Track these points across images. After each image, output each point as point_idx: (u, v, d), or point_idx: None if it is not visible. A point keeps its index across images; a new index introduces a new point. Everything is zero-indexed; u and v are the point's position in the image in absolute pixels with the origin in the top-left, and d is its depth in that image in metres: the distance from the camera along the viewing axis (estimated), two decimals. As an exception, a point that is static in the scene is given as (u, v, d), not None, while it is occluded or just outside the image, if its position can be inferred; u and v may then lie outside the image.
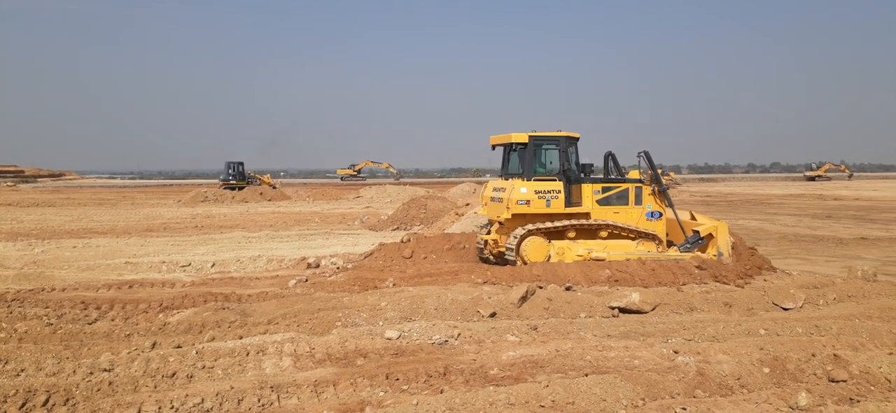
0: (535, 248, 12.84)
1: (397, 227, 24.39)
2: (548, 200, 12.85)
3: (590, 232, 13.23)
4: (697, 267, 11.99)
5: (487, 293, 9.94)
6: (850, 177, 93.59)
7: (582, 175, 13.39)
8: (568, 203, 13.01)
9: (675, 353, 7.37)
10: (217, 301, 10.57)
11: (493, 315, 9.13)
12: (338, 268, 14.28)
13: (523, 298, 9.62)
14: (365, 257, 15.03)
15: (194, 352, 7.18)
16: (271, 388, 6.16)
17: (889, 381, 6.33)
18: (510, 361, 7.07)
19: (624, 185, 13.55)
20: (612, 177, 13.87)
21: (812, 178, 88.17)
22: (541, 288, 10.19)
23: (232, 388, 6.09)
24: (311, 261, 15.16)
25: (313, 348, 7.46)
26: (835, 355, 6.83)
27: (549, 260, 12.83)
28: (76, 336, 8.43)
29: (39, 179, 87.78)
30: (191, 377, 6.54)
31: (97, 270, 14.38)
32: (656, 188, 13.71)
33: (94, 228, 24.64)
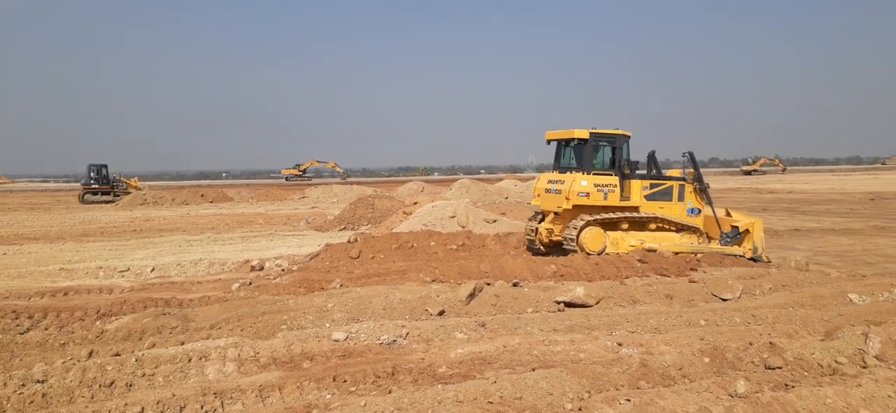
0: (593, 238, 13.63)
1: (344, 228, 24.18)
2: (605, 193, 13.76)
3: (639, 224, 14.12)
4: (639, 260, 12.27)
5: (436, 291, 9.94)
6: (783, 171, 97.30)
7: (631, 171, 14.21)
8: (621, 197, 13.91)
9: (620, 345, 7.52)
10: (157, 306, 10.25)
11: (441, 313, 9.14)
12: (283, 270, 14.06)
13: (471, 295, 9.65)
14: (311, 258, 14.84)
15: (134, 359, 6.94)
16: (215, 394, 6.01)
17: (821, 366, 6.60)
18: (458, 359, 7.08)
19: (669, 183, 14.52)
20: (655, 173, 14.75)
21: (748, 173, 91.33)
22: (488, 285, 10.26)
23: (174, 395, 5.91)
24: (254, 263, 14.89)
25: (258, 352, 7.31)
26: (771, 343, 7.08)
27: (605, 249, 13.63)
28: (7, 347, 8.05)
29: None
30: (130, 386, 6.33)
31: (29, 278, 13.79)
32: (697, 186, 14.61)
33: (26, 234, 23.64)
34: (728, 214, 15.22)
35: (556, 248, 14.33)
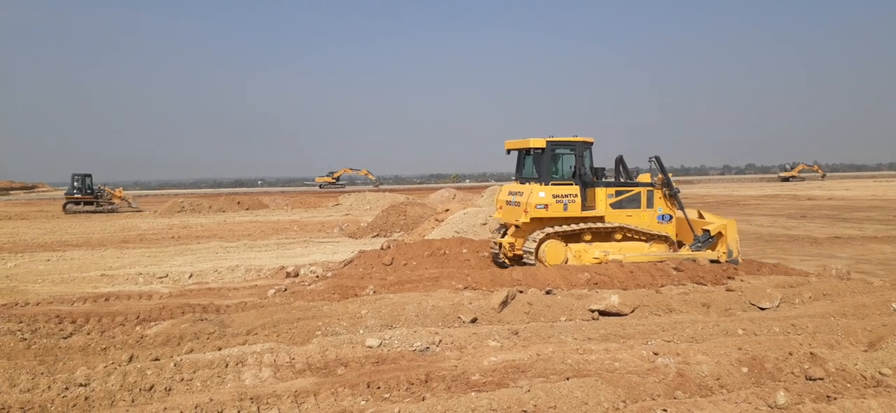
0: (553, 251, 13.15)
1: (377, 234, 24.32)
2: (565, 204, 13.19)
3: (604, 234, 13.59)
4: (675, 268, 12.10)
5: (468, 299, 9.94)
6: (823, 177, 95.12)
7: (595, 179, 13.73)
8: (584, 207, 13.34)
9: (655, 354, 7.42)
10: (195, 312, 10.44)
11: (474, 321, 9.13)
12: (317, 276, 14.20)
13: (504, 303, 9.63)
14: (345, 265, 14.96)
15: (172, 364, 7.08)
16: (251, 399, 6.09)
17: (864, 377, 6.43)
18: (492, 367, 7.06)
19: (636, 189, 13.92)
20: (624, 180, 14.20)
21: (786, 179, 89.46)
22: (521, 292, 10.21)
23: (211, 400, 6.01)
24: (290, 270, 15.06)
25: (293, 358, 7.39)
26: (811, 353, 6.92)
27: (566, 262, 13.12)
28: (51, 351, 8.28)
29: (12, 192, 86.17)
30: (169, 390, 6.45)
31: (72, 284, 14.15)
32: (667, 192, 14.10)
33: (69, 241, 24.26)
34: (701, 217, 14.62)
35: (519, 262, 13.68)
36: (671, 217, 14.14)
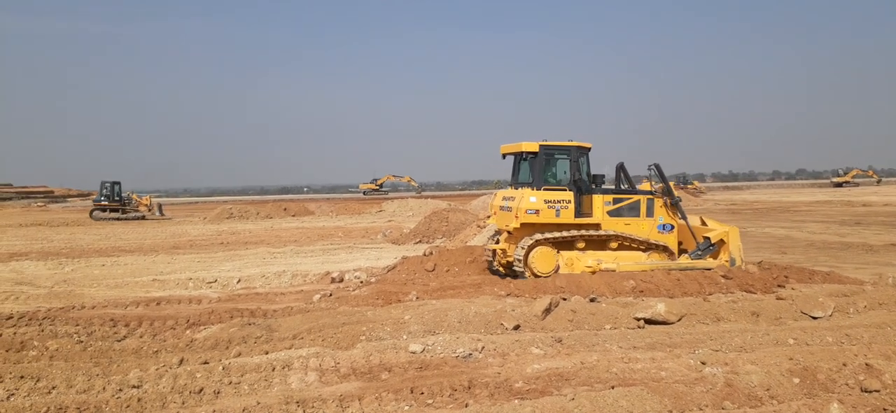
0: (542, 258, 12.77)
1: (419, 241, 24.44)
2: (557, 210, 12.76)
3: (600, 243, 13.16)
4: (723, 277, 11.86)
5: (511, 306, 9.92)
6: (878, 182, 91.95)
7: (593, 186, 13.27)
8: (578, 213, 12.90)
9: (703, 364, 7.29)
10: (243, 317, 10.66)
11: (516, 328, 9.10)
12: (361, 282, 14.34)
13: (547, 310, 9.58)
14: (388, 271, 15.07)
15: (221, 368, 7.26)
16: (297, 403, 6.19)
17: (924, 390, 6.20)
18: (535, 374, 7.04)
19: (635, 197, 13.45)
20: (624, 188, 13.74)
21: (839, 185, 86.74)
22: (564, 300, 10.15)
23: (258, 403, 6.14)
24: (334, 275, 15.24)
25: (338, 363, 7.49)
26: (867, 364, 6.71)
27: (557, 270, 12.78)
28: (106, 353, 8.56)
29: (69, 199, 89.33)
30: (218, 393, 6.60)
31: (125, 288, 14.59)
32: (668, 200, 13.62)
33: (122, 246, 25.01)
34: (703, 224, 14.06)
35: (511, 270, 13.27)
36: (673, 227, 13.64)
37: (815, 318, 9.81)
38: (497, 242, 13.85)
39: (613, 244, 13.14)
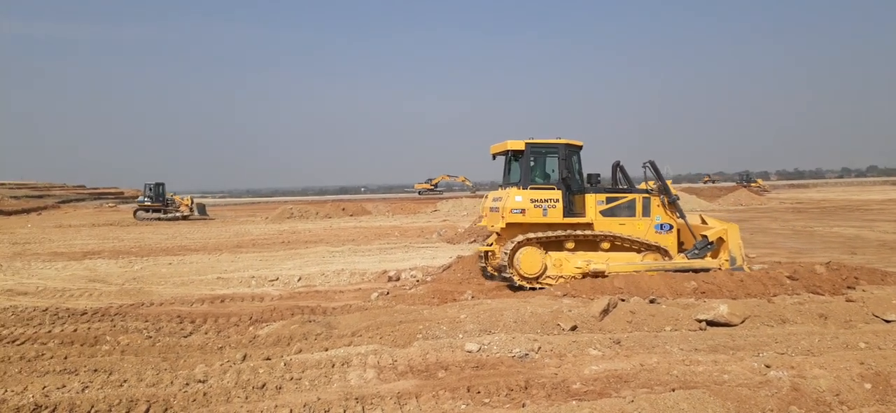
0: (529, 259, 12.40)
1: (474, 240, 24.43)
2: (544, 210, 12.42)
3: (591, 243, 12.78)
4: (789, 277, 11.48)
5: (567, 306, 9.84)
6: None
7: (589, 185, 12.93)
8: (568, 213, 12.56)
9: (767, 367, 7.07)
10: (303, 314, 10.90)
11: (573, 328, 9.02)
12: (417, 281, 14.45)
13: (605, 311, 9.46)
14: (443, 270, 15.14)
15: (282, 364, 7.44)
16: (356, 399, 6.30)
17: None
18: (593, 376, 6.96)
19: (630, 196, 13.02)
20: (620, 187, 13.32)
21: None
22: (623, 301, 10.00)
23: (319, 399, 6.27)
24: (391, 274, 15.41)
25: (396, 360, 7.58)
26: (945, 371, 6.39)
27: (545, 271, 12.46)
28: (173, 348, 8.88)
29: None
30: (279, 388, 6.76)
31: (191, 285, 15.08)
32: (665, 199, 13.12)
33: (188, 245, 25.85)
34: (703, 222, 13.47)
35: (501, 273, 12.83)
36: (671, 227, 13.11)
37: (887, 321, 9.39)
38: (491, 245, 13.53)
39: (605, 244, 12.73)
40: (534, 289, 12.27)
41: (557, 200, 12.47)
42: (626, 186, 13.39)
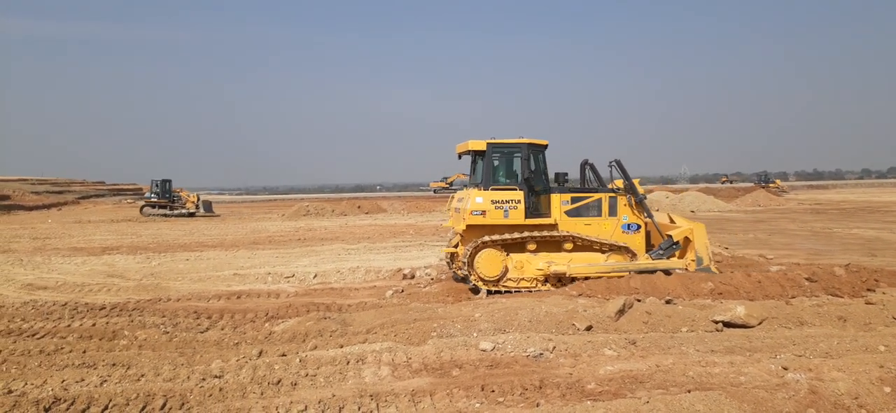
0: (489, 262, 12.23)
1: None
2: (506, 210, 12.14)
3: (555, 244, 12.51)
4: (807, 279, 11.36)
5: (582, 306, 9.80)
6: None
7: (556, 184, 12.77)
8: (531, 213, 12.32)
9: (785, 369, 7.01)
10: (319, 311, 10.96)
11: (589, 328, 8.99)
12: (432, 279, 14.47)
13: (620, 312, 9.42)
14: (459, 269, 15.13)
15: (298, 360, 7.49)
16: (371, 396, 6.32)
17: None
18: (608, 376, 6.94)
19: (596, 196, 12.79)
20: (587, 186, 13.13)
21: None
22: (639, 301, 9.95)
23: (333, 395, 6.30)
24: (406, 272, 15.43)
25: (410, 358, 7.60)
26: (967, 376, 6.30)
27: (506, 273, 12.32)
28: (190, 344, 8.96)
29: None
30: (295, 385, 6.80)
31: (208, 282, 15.20)
32: (633, 199, 12.88)
33: (205, 242, 26.04)
34: (672, 222, 13.25)
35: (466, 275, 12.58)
36: (639, 227, 12.85)
37: (909, 324, 9.27)
38: (455, 246, 13.29)
39: (568, 245, 12.50)
40: (498, 292, 12.16)
41: (519, 201, 12.21)
42: (595, 186, 13.21)
